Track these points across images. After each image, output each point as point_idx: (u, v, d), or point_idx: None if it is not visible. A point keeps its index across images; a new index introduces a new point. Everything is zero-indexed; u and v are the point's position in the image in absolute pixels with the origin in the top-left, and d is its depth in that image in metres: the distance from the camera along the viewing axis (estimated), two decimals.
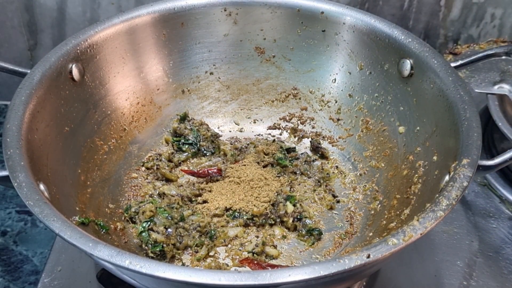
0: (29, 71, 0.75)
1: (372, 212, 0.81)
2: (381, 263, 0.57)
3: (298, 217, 0.80)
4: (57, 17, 1.07)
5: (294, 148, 0.92)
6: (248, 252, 0.76)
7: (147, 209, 0.77)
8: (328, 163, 0.91)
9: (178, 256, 0.76)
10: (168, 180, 0.87)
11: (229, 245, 0.78)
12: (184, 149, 0.91)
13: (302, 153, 0.91)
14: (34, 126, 0.70)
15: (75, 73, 0.79)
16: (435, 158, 0.72)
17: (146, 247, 0.74)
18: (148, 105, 0.92)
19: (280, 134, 0.96)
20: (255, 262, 0.74)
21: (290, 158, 0.89)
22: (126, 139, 0.88)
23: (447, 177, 0.64)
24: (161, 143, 0.92)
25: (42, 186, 0.63)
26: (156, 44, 0.91)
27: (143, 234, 0.75)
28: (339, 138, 0.93)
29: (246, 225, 0.80)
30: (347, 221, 0.81)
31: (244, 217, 0.80)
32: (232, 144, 0.93)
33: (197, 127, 0.92)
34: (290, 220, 0.79)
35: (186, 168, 0.89)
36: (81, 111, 0.81)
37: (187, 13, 0.91)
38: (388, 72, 0.86)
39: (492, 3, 1.07)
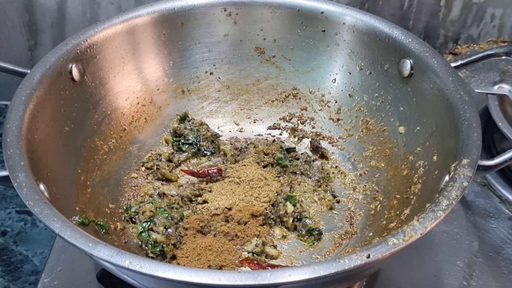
0: (29, 71, 0.75)
1: (372, 212, 0.81)
2: (381, 263, 0.57)
3: (298, 217, 0.80)
4: (57, 17, 1.07)
5: (294, 148, 0.92)
6: (248, 252, 0.76)
7: (147, 209, 0.77)
8: (328, 163, 0.91)
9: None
10: (168, 180, 0.87)
11: None
12: (184, 149, 0.91)
13: (302, 153, 0.91)
14: (34, 126, 0.70)
15: (75, 73, 0.79)
16: (435, 158, 0.72)
17: (146, 247, 0.74)
18: (148, 105, 0.92)
19: (280, 134, 0.96)
20: (255, 262, 0.74)
21: (290, 158, 0.89)
22: (126, 139, 0.88)
23: (447, 177, 0.64)
24: (161, 143, 0.92)
25: (42, 186, 0.63)
26: (156, 44, 0.91)
27: (143, 234, 0.75)
28: (339, 138, 0.93)
29: None
30: (347, 221, 0.81)
31: None
32: (232, 144, 0.93)
33: (197, 127, 0.92)
34: (290, 220, 0.79)
35: (186, 168, 0.89)
36: (81, 111, 0.81)
37: (187, 13, 0.91)
38: (388, 72, 0.86)
39: (492, 3, 1.07)
